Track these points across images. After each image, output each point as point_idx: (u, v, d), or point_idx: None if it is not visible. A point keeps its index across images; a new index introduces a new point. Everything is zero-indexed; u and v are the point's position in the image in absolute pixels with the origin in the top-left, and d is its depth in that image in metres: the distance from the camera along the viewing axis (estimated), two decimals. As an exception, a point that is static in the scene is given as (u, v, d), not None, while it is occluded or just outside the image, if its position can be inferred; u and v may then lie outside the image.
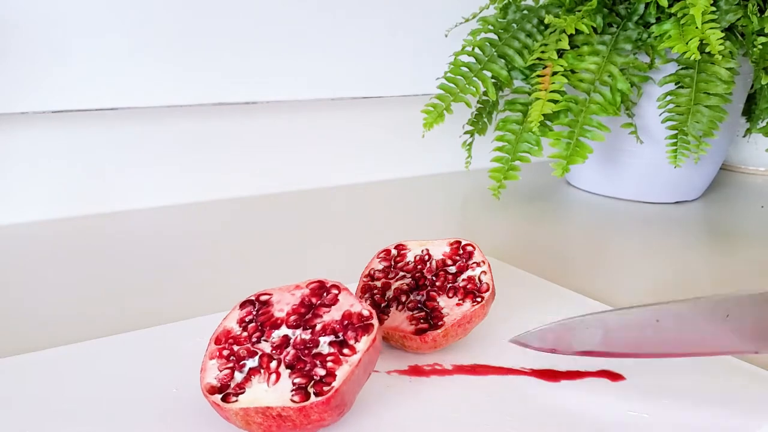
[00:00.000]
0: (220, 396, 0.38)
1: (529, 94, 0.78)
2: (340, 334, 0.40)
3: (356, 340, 0.40)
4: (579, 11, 0.77)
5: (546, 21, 0.77)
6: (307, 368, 0.39)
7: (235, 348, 0.41)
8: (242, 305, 0.44)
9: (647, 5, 0.78)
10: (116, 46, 0.74)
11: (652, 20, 0.77)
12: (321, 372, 0.38)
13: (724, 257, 0.69)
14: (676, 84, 0.76)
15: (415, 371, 0.45)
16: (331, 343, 0.40)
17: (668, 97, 0.76)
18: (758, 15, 0.75)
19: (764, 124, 0.88)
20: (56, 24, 0.70)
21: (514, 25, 0.81)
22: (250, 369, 0.40)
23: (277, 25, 0.83)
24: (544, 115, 0.73)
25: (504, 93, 0.84)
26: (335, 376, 0.38)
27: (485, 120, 0.89)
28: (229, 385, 0.39)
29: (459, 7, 0.93)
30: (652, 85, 0.79)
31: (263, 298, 0.44)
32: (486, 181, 0.97)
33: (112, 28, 0.73)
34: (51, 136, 0.74)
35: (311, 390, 0.38)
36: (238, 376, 0.40)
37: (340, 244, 0.70)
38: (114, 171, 0.78)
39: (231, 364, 0.40)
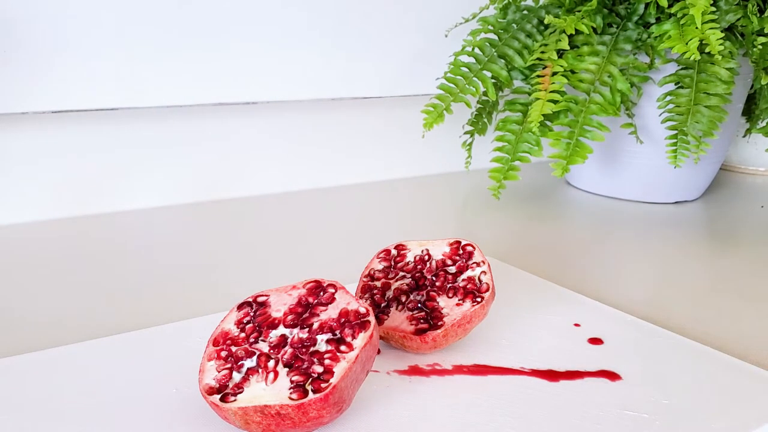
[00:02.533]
0: (219, 396, 0.39)
1: (529, 94, 0.78)
2: (338, 332, 0.40)
3: (353, 337, 0.40)
4: (579, 11, 0.77)
5: (546, 21, 0.77)
6: (304, 366, 0.39)
7: (233, 349, 0.41)
8: (239, 307, 0.44)
9: (647, 5, 0.78)
10: (116, 47, 0.74)
11: (652, 20, 0.77)
12: (319, 369, 0.38)
13: (724, 257, 0.69)
14: (676, 84, 0.76)
15: (415, 371, 0.45)
16: (328, 341, 0.40)
17: (668, 97, 0.76)
18: (758, 15, 0.75)
19: (764, 124, 0.88)
20: (56, 24, 0.70)
21: (514, 25, 0.81)
22: (248, 369, 0.40)
23: (277, 25, 0.83)
24: (544, 115, 0.73)
25: (504, 93, 0.84)
26: (333, 372, 0.38)
27: (485, 120, 0.89)
28: (228, 385, 0.39)
29: (459, 7, 0.93)
30: (652, 85, 0.78)
31: (260, 299, 0.44)
32: (486, 181, 0.97)
33: (112, 29, 0.73)
34: (51, 136, 0.74)
35: (309, 387, 0.38)
36: (237, 377, 0.40)
37: (341, 244, 0.70)
38: (114, 171, 0.78)
39: (229, 365, 0.40)
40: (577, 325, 0.51)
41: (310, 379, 0.38)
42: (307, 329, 0.41)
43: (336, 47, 0.88)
